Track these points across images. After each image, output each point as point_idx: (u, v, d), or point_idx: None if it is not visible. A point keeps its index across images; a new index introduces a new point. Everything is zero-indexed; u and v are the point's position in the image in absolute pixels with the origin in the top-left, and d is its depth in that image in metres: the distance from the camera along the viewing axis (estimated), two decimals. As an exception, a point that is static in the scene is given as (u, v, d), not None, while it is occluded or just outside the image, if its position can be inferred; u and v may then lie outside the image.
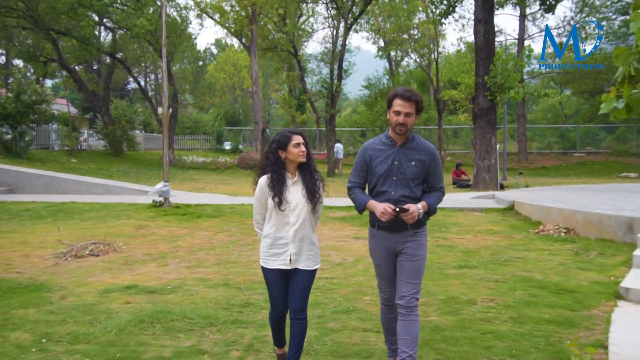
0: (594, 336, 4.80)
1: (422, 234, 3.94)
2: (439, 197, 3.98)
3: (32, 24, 25.89)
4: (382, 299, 4.11)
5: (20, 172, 17.85)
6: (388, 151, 3.92)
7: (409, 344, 3.73)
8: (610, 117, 2.86)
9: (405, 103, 3.79)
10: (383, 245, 3.96)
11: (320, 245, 8.71)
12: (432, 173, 3.94)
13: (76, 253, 8.32)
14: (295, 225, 3.93)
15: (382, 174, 3.89)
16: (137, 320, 5.34)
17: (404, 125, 3.81)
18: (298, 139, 3.94)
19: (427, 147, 3.95)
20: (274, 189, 3.92)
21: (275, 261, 3.94)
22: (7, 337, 4.95)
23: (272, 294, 4.03)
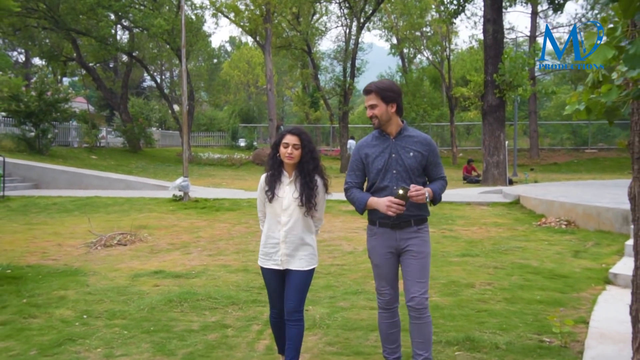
0: (579, 314, 5.31)
1: (425, 230, 3.84)
2: (443, 185, 3.88)
3: (53, 25, 26.63)
4: (381, 302, 3.92)
5: (45, 168, 18.59)
6: (383, 145, 3.83)
7: (423, 347, 3.71)
8: (573, 117, 3.37)
9: (366, 97, 3.80)
10: (384, 244, 3.81)
11: (332, 236, 9.35)
12: (432, 163, 3.84)
13: (105, 242, 8.95)
14: (286, 225, 3.87)
15: (381, 168, 3.77)
16: (166, 300, 5.93)
17: (374, 117, 3.77)
18: (289, 139, 3.84)
19: (424, 137, 3.86)
20: (269, 184, 3.92)
21: (269, 261, 3.92)
22: (53, 314, 5.56)
23: (270, 293, 4.01)
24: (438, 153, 3.90)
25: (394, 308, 3.90)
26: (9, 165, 17.27)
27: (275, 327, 4.09)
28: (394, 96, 3.78)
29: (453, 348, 4.49)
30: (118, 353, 4.53)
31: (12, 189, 16.41)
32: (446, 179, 3.96)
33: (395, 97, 3.78)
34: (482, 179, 19.86)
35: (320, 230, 4.22)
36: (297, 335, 3.85)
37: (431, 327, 3.77)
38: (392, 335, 3.92)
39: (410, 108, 36.79)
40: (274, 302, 4.00)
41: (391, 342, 3.93)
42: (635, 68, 2.97)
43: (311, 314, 5.45)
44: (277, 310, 3.99)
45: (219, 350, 4.56)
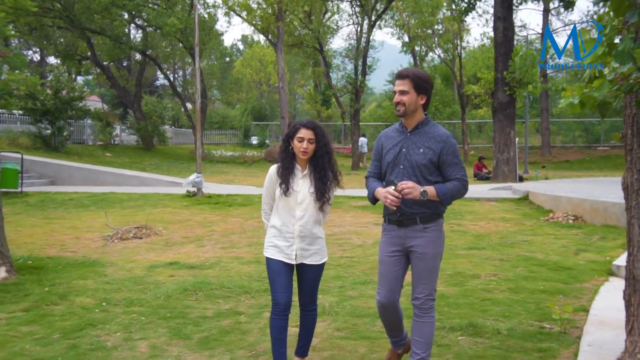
0: (580, 303, 5.48)
1: (434, 230, 3.62)
2: (455, 186, 3.57)
3: (68, 24, 27.01)
4: (377, 301, 3.80)
5: (61, 165, 18.94)
6: (398, 138, 3.69)
7: (421, 346, 3.63)
8: (567, 111, 3.54)
9: (399, 81, 3.59)
10: (391, 241, 3.70)
11: (343, 230, 9.55)
12: (446, 162, 3.58)
13: (121, 236, 9.20)
14: (301, 220, 3.77)
15: (390, 162, 3.66)
16: (182, 289, 6.16)
17: (401, 105, 3.58)
18: (304, 133, 3.72)
19: (440, 133, 3.62)
20: (282, 177, 3.77)
21: (279, 253, 3.78)
22: (73, 301, 5.81)
23: (276, 284, 3.77)
24: (455, 152, 3.61)
25: (392, 307, 3.76)
26: (26, 162, 17.62)
27: (277, 328, 3.75)
28: (427, 88, 3.61)
29: (456, 333, 4.68)
30: (136, 337, 4.76)
31: (30, 185, 16.75)
32: (464, 181, 3.62)
33: (427, 90, 3.62)
34: (492, 175, 19.97)
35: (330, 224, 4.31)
36: (312, 322, 3.94)
37: (433, 328, 3.67)
38: (394, 326, 3.89)
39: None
40: (277, 297, 3.74)
41: (393, 330, 3.93)
42: (624, 64, 3.17)
43: (321, 302, 5.63)
44: (281, 306, 3.73)
45: (233, 335, 4.78)
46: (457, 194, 3.60)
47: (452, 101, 41.86)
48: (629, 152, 3.64)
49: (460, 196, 3.65)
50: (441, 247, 3.71)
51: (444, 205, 3.63)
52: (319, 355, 4.32)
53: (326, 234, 8.99)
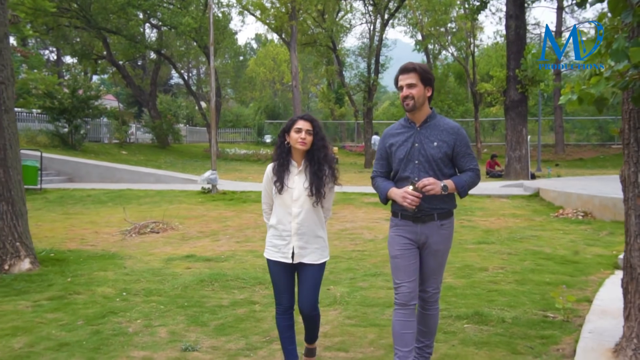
0: (584, 294, 5.64)
1: (449, 226, 3.63)
2: (471, 177, 3.58)
3: (85, 24, 27.40)
4: (398, 298, 3.60)
5: (79, 163, 19.29)
6: (407, 133, 3.62)
7: (425, 335, 3.73)
8: (567, 107, 3.71)
9: (405, 75, 3.57)
10: (405, 235, 3.60)
11: (355, 226, 9.75)
12: (460, 154, 3.57)
13: (139, 230, 9.46)
14: (298, 217, 3.68)
15: (403, 158, 3.58)
16: (198, 280, 6.39)
17: (410, 98, 3.53)
18: (302, 124, 3.68)
19: (451, 125, 3.60)
20: (277, 174, 3.72)
21: (277, 253, 3.73)
22: (95, 291, 6.06)
23: (277, 287, 3.81)
24: (467, 142, 3.60)
25: (411, 306, 3.56)
26: (44, 159, 17.95)
27: (283, 327, 3.80)
28: (432, 80, 3.60)
29: (462, 321, 4.86)
30: (156, 324, 4.99)
31: (48, 182, 17.09)
32: (477, 170, 3.63)
33: (432, 82, 3.60)
34: (504, 173, 20.06)
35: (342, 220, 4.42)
36: (315, 323, 3.87)
37: (437, 319, 3.72)
38: (406, 337, 3.55)
39: (435, 104, 36.91)
40: (280, 297, 3.78)
41: (404, 345, 3.54)
42: (619, 61, 3.34)
43: (332, 292, 5.87)
44: (283, 307, 3.78)
45: (247, 322, 5.00)
46: (472, 185, 3.60)
47: (465, 99, 41.84)
48: (626, 146, 3.81)
49: (474, 186, 3.64)
50: (451, 242, 3.72)
51: (462, 197, 3.63)
52: (331, 340, 4.53)
53: (338, 229, 9.26)
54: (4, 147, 6.70)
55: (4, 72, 6.74)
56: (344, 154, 35.86)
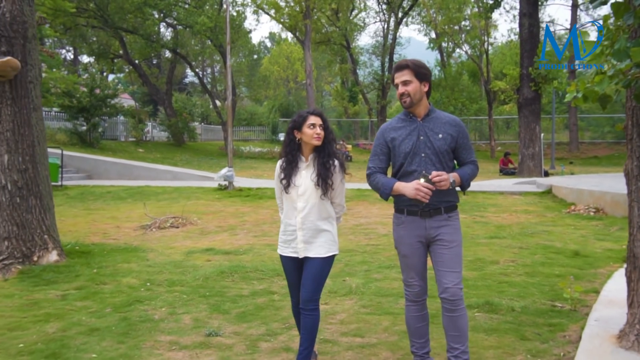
0: (592, 285, 5.82)
1: (456, 218, 3.62)
2: (472, 170, 3.63)
3: (102, 23, 27.84)
4: (410, 294, 3.70)
5: (98, 160, 19.67)
6: (410, 127, 3.60)
7: (458, 340, 3.54)
8: (572, 104, 3.89)
9: (399, 73, 3.57)
10: (413, 233, 3.59)
11: (369, 221, 9.97)
12: (462, 146, 3.62)
13: (159, 225, 9.74)
14: (303, 211, 3.71)
15: (409, 151, 3.55)
16: (218, 271, 6.64)
17: (406, 95, 3.54)
18: (314, 119, 3.70)
19: (453, 119, 3.64)
20: (285, 171, 3.76)
21: (287, 248, 3.78)
22: (120, 281, 6.33)
23: (289, 282, 3.91)
24: (468, 135, 3.67)
25: (423, 300, 3.70)
26: (64, 157, 18.32)
27: (298, 317, 3.90)
28: (428, 75, 3.59)
29: (473, 310, 5.06)
30: (180, 311, 5.24)
31: (68, 179, 17.46)
32: (477, 163, 3.69)
33: (428, 76, 3.59)
34: (517, 171, 20.17)
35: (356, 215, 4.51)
36: (312, 325, 3.70)
37: (466, 319, 3.56)
38: (421, 329, 3.72)
39: (449, 102, 36.96)
40: (293, 292, 3.89)
41: (419, 337, 3.73)
42: (621, 61, 3.53)
43: (348, 283, 6.09)
44: (295, 300, 3.86)
45: (267, 311, 5.23)
46: (473, 177, 3.64)
47: (479, 97, 41.81)
48: (630, 141, 4.00)
49: (474, 178, 3.68)
50: (461, 235, 3.67)
51: (464, 190, 3.63)
52: (347, 327, 4.75)
53: (353, 224, 9.49)
54: (32, 143, 6.98)
55: (32, 71, 7.03)
56: (357, 152, 36.03)
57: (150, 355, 4.18)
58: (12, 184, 6.76)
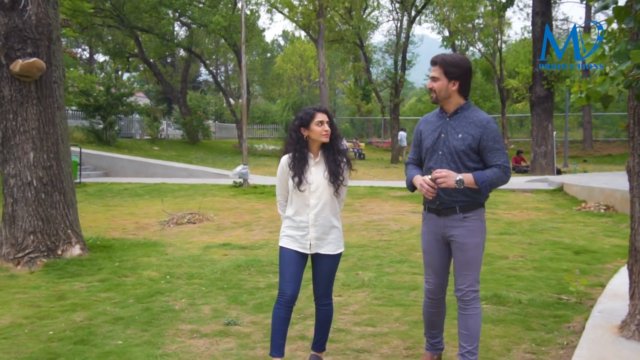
0: (599, 280, 5.99)
1: (474, 219, 3.50)
2: (495, 173, 3.40)
3: (118, 23, 28.22)
4: (426, 290, 3.76)
5: (114, 158, 20.03)
6: (437, 123, 3.60)
7: (467, 339, 3.54)
8: (576, 104, 4.07)
9: (432, 67, 3.55)
10: (431, 230, 3.63)
11: (382, 218, 10.16)
12: (487, 148, 3.44)
13: (177, 221, 9.99)
14: (315, 208, 3.71)
15: (429, 147, 3.57)
16: (235, 265, 6.87)
17: (432, 91, 3.54)
18: (322, 116, 3.70)
19: (480, 118, 3.47)
20: (295, 169, 3.70)
21: (294, 243, 3.74)
22: (141, 274, 6.58)
23: (285, 275, 3.73)
24: (496, 137, 3.45)
25: (439, 299, 3.72)
26: (82, 155, 18.68)
27: (279, 320, 3.72)
28: (459, 73, 3.47)
29: (482, 302, 5.21)
30: (200, 302, 5.47)
31: (86, 177, 17.81)
32: (505, 167, 3.45)
33: (460, 75, 3.47)
34: (530, 168, 20.26)
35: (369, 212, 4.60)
36: (326, 318, 3.83)
37: (479, 320, 3.54)
38: (435, 322, 3.79)
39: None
40: (286, 287, 3.71)
41: (432, 327, 3.81)
42: (622, 62, 3.70)
43: (360, 277, 6.30)
44: (286, 297, 3.70)
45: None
46: (497, 182, 3.42)
47: (492, 95, 41.83)
48: (632, 139, 4.16)
49: (501, 184, 3.47)
50: (482, 236, 3.56)
51: (482, 194, 3.48)
52: (360, 317, 4.96)
53: (366, 220, 9.71)
54: (57, 141, 7.25)
55: (56, 72, 7.30)
56: (370, 150, 36.21)
57: (173, 342, 4.41)
58: (37, 181, 7.03)
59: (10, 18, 6.76)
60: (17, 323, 4.88)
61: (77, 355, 4.14)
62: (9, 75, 6.83)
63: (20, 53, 6.80)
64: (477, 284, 3.57)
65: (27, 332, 4.64)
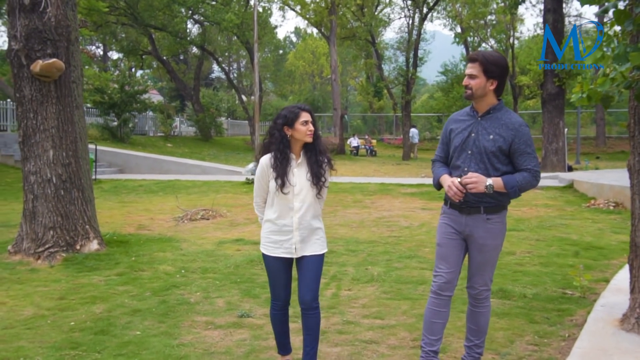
0: (604, 275, 6.12)
1: (497, 221, 3.49)
2: (525, 178, 3.38)
3: (132, 21, 28.53)
4: (434, 285, 3.61)
5: (129, 155, 20.29)
6: (468, 122, 3.55)
7: (475, 333, 3.66)
8: (576, 104, 4.20)
9: (469, 64, 3.46)
10: (452, 224, 3.57)
11: (392, 214, 10.31)
12: (517, 152, 3.40)
13: (191, 217, 10.20)
14: (299, 211, 3.60)
15: (458, 146, 3.53)
16: (248, 260, 7.06)
17: (468, 88, 3.46)
18: (306, 116, 3.57)
19: (513, 121, 3.44)
20: (277, 170, 3.57)
21: (278, 249, 3.64)
22: (157, 268, 6.79)
23: (275, 282, 3.75)
24: (528, 141, 3.41)
25: (446, 297, 3.58)
26: (97, 152, 18.97)
27: (279, 322, 3.84)
28: (498, 73, 3.42)
29: (487, 297, 5.39)
30: (214, 295, 5.66)
31: (101, 173, 18.07)
32: (535, 171, 3.42)
33: (499, 74, 3.43)
34: (541, 165, 20.30)
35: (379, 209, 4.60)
36: (316, 325, 3.70)
37: (488, 317, 3.64)
38: (436, 326, 3.60)
39: (474, 97, 37.01)
40: (278, 293, 3.76)
41: (432, 333, 3.61)
42: (621, 64, 3.83)
43: (370, 271, 6.46)
44: (281, 302, 3.77)
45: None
46: (526, 186, 3.40)
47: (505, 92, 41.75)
48: (632, 138, 4.29)
49: (530, 188, 3.45)
50: (502, 238, 3.56)
51: (512, 198, 3.47)
52: (368, 310, 5.13)
53: (376, 217, 9.86)
54: (75, 139, 7.47)
55: (75, 72, 7.52)
56: (382, 147, 36.33)
57: (189, 333, 4.60)
58: (56, 178, 7.25)
59: (30, 20, 6.98)
60: (39, 314, 5.09)
61: (97, 345, 4.34)
62: (29, 75, 7.06)
63: (40, 54, 7.03)
64: (491, 282, 3.63)
65: (49, 323, 4.86)
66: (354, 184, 13.62)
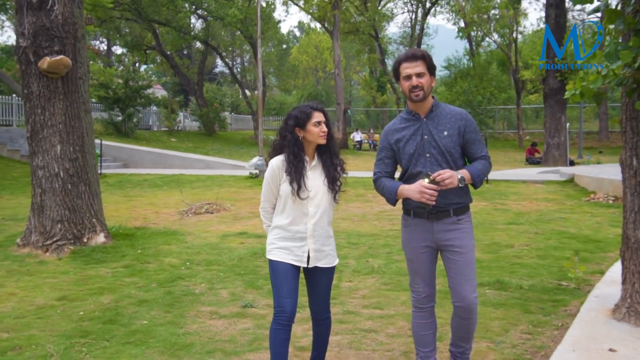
0: (599, 267, 6.24)
1: (467, 221, 3.36)
2: (484, 165, 3.32)
3: (136, 16, 28.67)
4: (414, 300, 3.51)
5: (133, 149, 20.47)
6: (413, 127, 3.35)
7: (465, 340, 3.48)
8: (570, 100, 4.32)
9: (412, 63, 3.26)
10: (420, 236, 3.37)
11: (393, 208, 10.38)
12: (470, 140, 3.34)
13: (195, 211, 10.36)
14: (314, 217, 3.37)
15: (413, 153, 3.32)
16: (252, 253, 7.21)
17: (419, 88, 3.25)
18: (319, 116, 3.35)
19: (457, 111, 3.37)
20: (292, 174, 3.33)
21: (288, 256, 3.36)
22: (162, 261, 6.95)
23: (282, 289, 3.33)
24: (476, 128, 3.38)
25: (429, 308, 3.48)
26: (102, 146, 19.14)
27: (279, 342, 3.32)
28: (434, 69, 3.34)
29: (484, 288, 5.53)
30: (218, 287, 5.82)
31: (106, 168, 18.22)
32: (489, 158, 3.39)
33: (434, 71, 3.34)
34: (543, 160, 20.40)
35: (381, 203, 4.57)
36: (327, 332, 3.58)
37: (476, 323, 3.45)
38: (426, 338, 3.49)
39: (477, 91, 37.05)
40: (284, 302, 3.31)
41: (424, 345, 3.50)
42: (612, 62, 3.96)
43: (370, 264, 6.61)
44: (286, 314, 3.30)
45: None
46: (486, 174, 3.34)
47: (507, 86, 41.74)
48: (623, 133, 4.41)
49: (487, 175, 3.38)
50: (473, 239, 3.43)
51: (476, 188, 3.37)
52: (368, 301, 5.28)
53: (378, 211, 10.03)
54: (82, 135, 7.63)
55: (81, 68, 7.67)
56: (385, 141, 36.30)
57: (194, 322, 4.76)
58: (64, 172, 7.41)
59: (38, 17, 7.13)
60: (49, 305, 5.25)
61: (106, 333, 4.50)
62: (37, 72, 7.21)
63: (47, 51, 7.18)
64: (477, 289, 3.40)
65: (59, 313, 5.02)
66: (357, 178, 13.74)
